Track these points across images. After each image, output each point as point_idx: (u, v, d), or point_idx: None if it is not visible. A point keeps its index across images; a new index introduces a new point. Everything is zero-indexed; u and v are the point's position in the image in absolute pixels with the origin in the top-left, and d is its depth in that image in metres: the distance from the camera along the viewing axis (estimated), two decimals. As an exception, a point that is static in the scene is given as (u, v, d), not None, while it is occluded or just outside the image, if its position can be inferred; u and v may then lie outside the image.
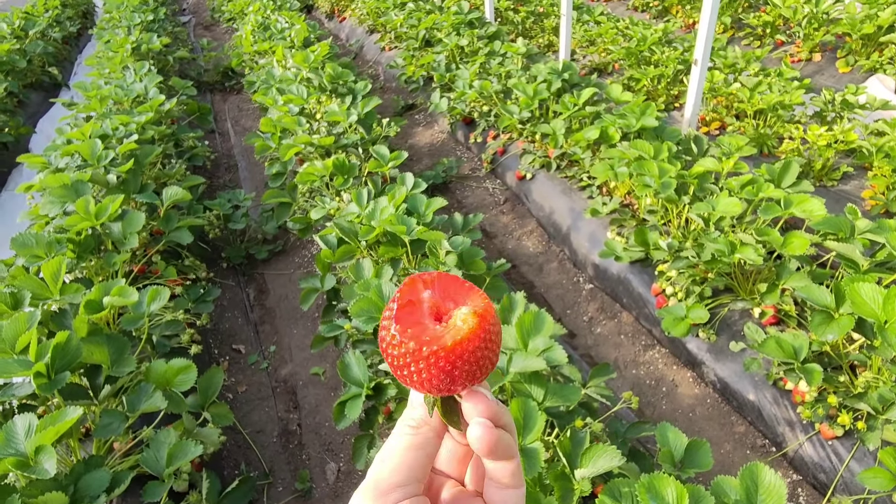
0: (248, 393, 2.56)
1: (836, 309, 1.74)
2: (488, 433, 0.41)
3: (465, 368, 0.40)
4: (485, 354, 0.41)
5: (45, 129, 5.28)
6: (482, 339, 0.40)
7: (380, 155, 2.86)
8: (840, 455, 1.85)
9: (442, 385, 0.41)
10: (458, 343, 0.40)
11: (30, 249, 2.15)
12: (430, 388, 0.41)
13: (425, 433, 0.44)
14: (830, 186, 3.09)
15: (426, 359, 0.40)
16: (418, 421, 0.44)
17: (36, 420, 1.41)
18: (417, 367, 0.40)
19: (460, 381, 0.41)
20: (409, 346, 0.40)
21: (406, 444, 0.44)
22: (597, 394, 1.69)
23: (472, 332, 0.40)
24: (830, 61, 4.40)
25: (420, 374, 0.40)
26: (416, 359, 0.40)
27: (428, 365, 0.40)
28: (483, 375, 0.42)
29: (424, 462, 0.43)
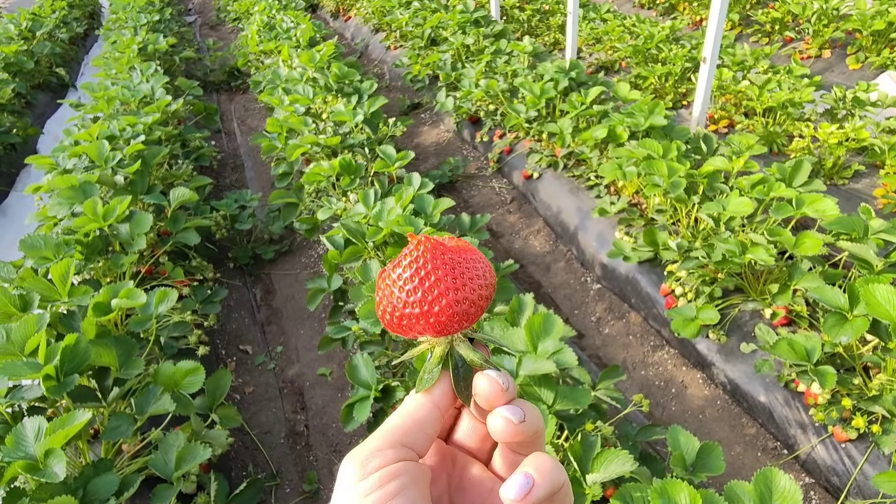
0: (256, 394, 2.56)
1: (849, 310, 1.71)
2: (511, 427, 0.40)
3: (405, 298, 0.39)
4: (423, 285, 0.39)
5: (52, 130, 5.30)
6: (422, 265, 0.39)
7: (386, 155, 2.85)
8: (854, 458, 1.83)
9: (420, 319, 0.39)
10: (395, 265, 0.40)
11: (38, 251, 2.15)
12: (390, 321, 0.40)
13: (419, 399, 0.43)
14: (842, 185, 3.05)
15: (380, 289, 0.40)
16: (418, 392, 0.44)
17: (45, 423, 1.41)
18: (379, 300, 0.40)
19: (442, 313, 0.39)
20: (379, 284, 0.41)
21: (399, 410, 0.43)
22: (607, 396, 1.67)
23: (406, 256, 0.40)
24: (840, 58, 4.35)
25: (379, 306, 0.40)
26: (377, 293, 0.40)
27: (381, 297, 0.40)
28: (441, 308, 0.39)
29: (414, 430, 0.42)
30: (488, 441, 0.46)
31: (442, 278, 0.39)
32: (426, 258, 0.39)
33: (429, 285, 0.39)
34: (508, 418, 0.40)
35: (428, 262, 0.39)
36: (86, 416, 1.39)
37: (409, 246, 0.41)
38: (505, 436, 0.40)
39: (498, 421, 0.40)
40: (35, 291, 1.88)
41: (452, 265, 0.40)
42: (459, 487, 0.45)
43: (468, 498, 0.45)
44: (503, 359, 1.55)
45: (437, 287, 0.39)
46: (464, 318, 0.40)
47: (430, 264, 0.39)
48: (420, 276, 0.39)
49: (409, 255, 0.40)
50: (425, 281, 0.39)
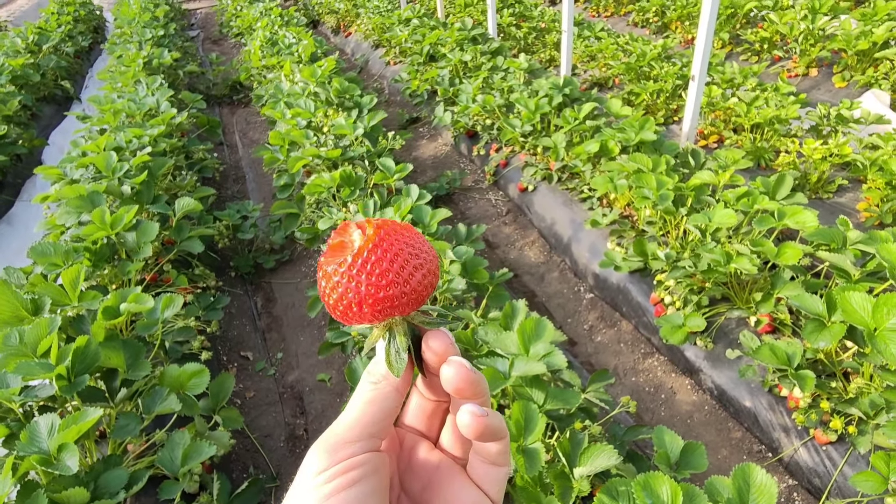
0: (256, 398, 2.62)
1: (828, 317, 1.80)
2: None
3: (371, 282, 0.39)
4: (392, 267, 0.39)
5: (57, 142, 5.39)
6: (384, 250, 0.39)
7: (386, 167, 2.95)
8: (834, 460, 1.90)
9: (353, 305, 0.39)
10: (356, 254, 0.39)
11: (48, 258, 2.22)
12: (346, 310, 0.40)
13: (383, 388, 0.43)
14: (826, 199, 3.15)
15: (332, 275, 0.39)
16: (377, 375, 0.43)
17: (58, 420, 1.47)
18: (330, 287, 0.40)
19: (371, 299, 0.39)
20: (325, 271, 0.40)
21: (363, 398, 0.43)
22: (596, 398, 1.74)
23: (369, 240, 0.39)
24: (827, 76, 4.49)
25: (331, 295, 0.40)
26: (329, 280, 0.40)
27: (336, 284, 0.39)
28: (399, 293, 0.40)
29: (381, 418, 0.43)
30: (436, 419, 0.47)
31: (385, 272, 0.39)
32: (369, 249, 0.39)
33: (374, 279, 0.39)
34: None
35: (371, 254, 0.39)
36: (97, 413, 1.46)
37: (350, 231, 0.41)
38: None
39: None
40: (46, 296, 1.95)
41: (394, 256, 0.40)
42: (408, 468, 0.47)
43: (417, 478, 0.46)
44: (496, 361, 1.62)
45: (382, 279, 0.39)
46: (411, 306, 0.41)
47: (373, 255, 0.39)
48: (366, 270, 0.39)
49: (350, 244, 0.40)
50: (371, 275, 0.39)
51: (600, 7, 7.22)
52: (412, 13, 6.11)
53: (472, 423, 0.41)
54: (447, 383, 0.41)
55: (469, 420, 0.41)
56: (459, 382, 0.41)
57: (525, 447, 1.41)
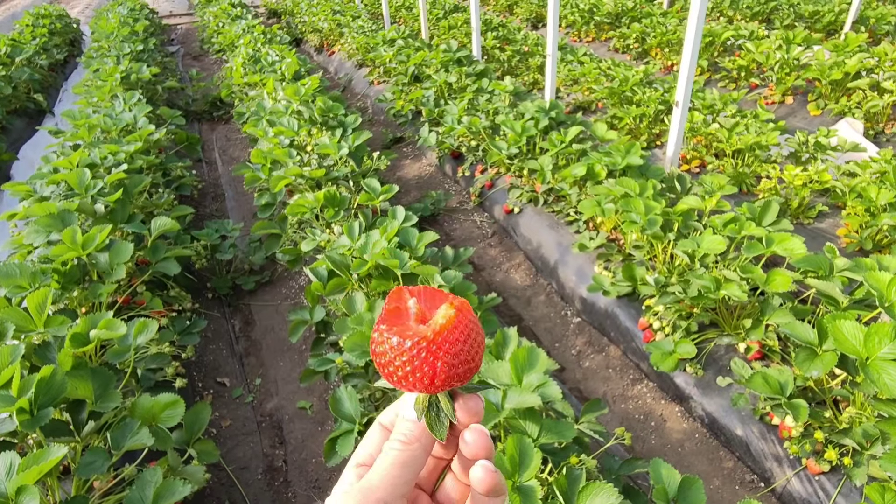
0: (233, 428, 2.51)
1: (819, 345, 1.78)
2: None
3: (447, 360, 0.42)
4: (465, 347, 0.42)
5: (27, 156, 5.22)
6: (461, 331, 0.42)
7: (371, 188, 2.89)
8: (827, 490, 1.87)
9: (426, 378, 0.42)
10: (438, 332, 0.42)
11: (13, 280, 2.10)
12: (415, 381, 0.42)
13: (415, 450, 0.45)
14: (807, 224, 3.20)
15: (409, 350, 0.41)
16: (409, 436, 0.45)
17: (18, 459, 1.36)
18: (402, 360, 0.42)
19: (444, 373, 0.42)
20: (392, 341, 0.42)
21: (395, 459, 0.44)
22: (589, 430, 1.69)
23: (450, 322, 0.42)
24: (802, 104, 4.61)
25: (404, 367, 0.42)
26: (400, 352, 0.42)
27: (411, 357, 0.41)
28: (466, 370, 0.43)
29: (410, 479, 0.44)
30: (436, 474, 0.50)
31: (460, 352, 0.42)
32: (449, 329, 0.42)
33: (450, 358, 0.42)
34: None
35: (450, 334, 0.42)
36: (61, 452, 1.35)
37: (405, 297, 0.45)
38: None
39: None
40: (9, 321, 1.83)
41: (467, 336, 0.43)
42: None
43: None
44: (488, 392, 1.56)
45: (456, 358, 0.42)
46: (468, 379, 0.44)
47: (452, 335, 0.42)
48: (444, 349, 0.42)
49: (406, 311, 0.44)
50: (448, 354, 0.42)
51: (582, 33, 7.36)
52: (397, 34, 6.14)
53: (487, 479, 0.44)
54: (470, 447, 0.45)
55: (484, 475, 0.44)
56: (481, 450, 0.45)
57: (520, 485, 1.35)
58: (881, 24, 5.77)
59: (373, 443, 0.48)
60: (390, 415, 0.49)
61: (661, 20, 6.35)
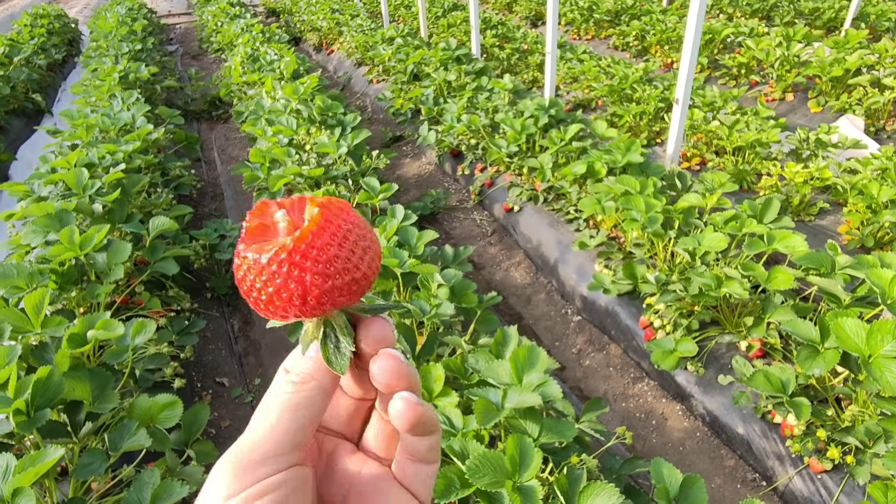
0: (232, 428, 2.49)
1: (821, 343, 1.77)
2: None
3: (319, 270, 0.33)
4: (341, 252, 0.34)
5: (25, 156, 5.21)
6: (333, 233, 0.34)
7: (370, 187, 2.88)
8: (829, 489, 1.86)
9: (295, 297, 0.33)
10: (299, 238, 0.33)
11: (10, 280, 2.09)
12: (284, 305, 0.34)
13: (309, 389, 0.36)
14: (808, 221, 3.18)
15: (267, 266, 0.33)
16: (302, 374, 0.36)
17: (14, 461, 1.35)
18: (262, 280, 0.33)
19: (317, 287, 0.33)
20: (249, 259, 0.34)
21: (283, 403, 0.36)
22: (590, 429, 1.68)
23: (314, 223, 0.33)
24: (802, 101, 4.59)
25: (266, 288, 0.33)
26: (259, 271, 0.33)
27: (271, 275, 0.33)
28: (348, 281, 0.34)
29: (304, 425, 0.36)
30: (357, 419, 0.42)
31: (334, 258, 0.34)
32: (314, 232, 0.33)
33: (321, 267, 0.34)
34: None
35: (317, 237, 0.34)
36: (58, 453, 1.34)
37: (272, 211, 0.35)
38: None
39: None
40: (6, 322, 1.82)
41: (342, 239, 0.34)
42: (327, 476, 0.41)
43: (337, 486, 0.40)
44: (489, 391, 1.55)
45: (330, 266, 0.34)
46: (359, 293, 0.36)
47: (319, 239, 0.34)
48: (311, 256, 0.33)
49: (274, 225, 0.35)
50: (317, 262, 0.33)
51: (581, 30, 7.34)
52: (395, 32, 6.12)
53: (407, 412, 0.36)
54: (378, 377, 0.36)
55: (403, 408, 0.36)
56: (391, 377, 0.36)
57: (521, 485, 1.34)
58: (881, 21, 5.75)
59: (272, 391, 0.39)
60: (293, 357, 0.40)
61: (660, 17, 6.33)
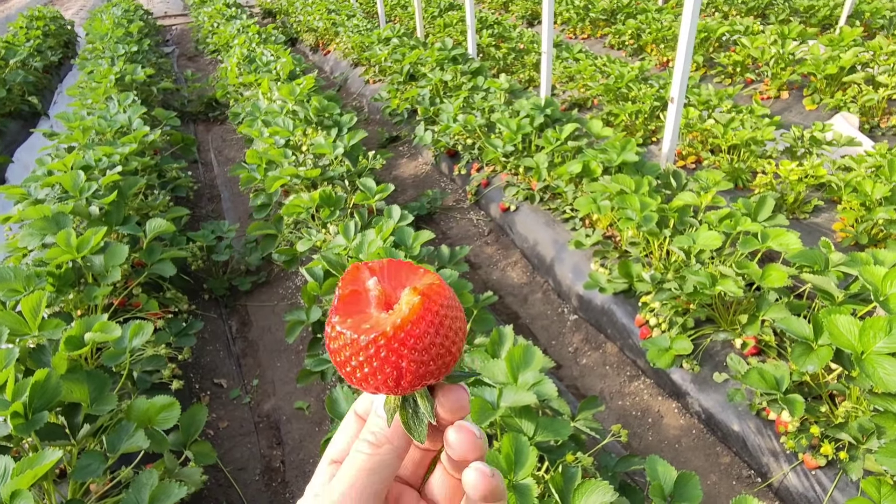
0: (230, 429, 2.50)
1: (814, 340, 1.79)
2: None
3: (414, 357, 0.35)
4: (436, 340, 0.35)
5: (22, 159, 5.20)
6: (430, 322, 0.35)
7: (366, 187, 2.89)
8: (824, 485, 1.87)
9: (390, 380, 0.35)
10: (399, 327, 0.34)
11: (7, 283, 2.09)
12: (378, 384, 0.36)
13: (384, 453, 0.39)
14: (803, 219, 3.20)
15: (365, 349, 0.35)
16: (378, 437, 0.40)
17: (12, 463, 1.36)
18: (358, 360, 0.35)
19: (410, 374, 0.35)
20: (346, 336, 0.35)
21: (362, 464, 0.39)
22: (586, 427, 1.69)
23: (414, 312, 0.35)
24: (797, 99, 4.61)
25: (362, 367, 0.35)
26: (356, 350, 0.35)
27: (369, 357, 0.35)
28: (440, 365, 0.36)
29: (380, 488, 0.39)
30: (422, 467, 0.45)
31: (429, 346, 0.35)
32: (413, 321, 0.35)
33: (417, 355, 0.35)
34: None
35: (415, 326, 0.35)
36: (56, 455, 1.35)
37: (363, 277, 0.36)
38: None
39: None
40: (4, 325, 1.82)
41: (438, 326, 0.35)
42: None
43: None
44: (484, 390, 1.56)
45: (425, 354, 0.35)
46: (446, 372, 0.38)
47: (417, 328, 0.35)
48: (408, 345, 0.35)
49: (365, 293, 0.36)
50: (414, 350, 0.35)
51: (577, 29, 7.35)
52: (392, 32, 6.12)
53: (481, 483, 0.38)
54: (455, 448, 0.39)
55: (478, 480, 0.38)
56: (467, 450, 0.39)
57: (516, 483, 1.35)
58: (876, 18, 5.77)
59: (346, 437, 0.43)
60: (366, 401, 0.43)
61: (656, 16, 6.34)
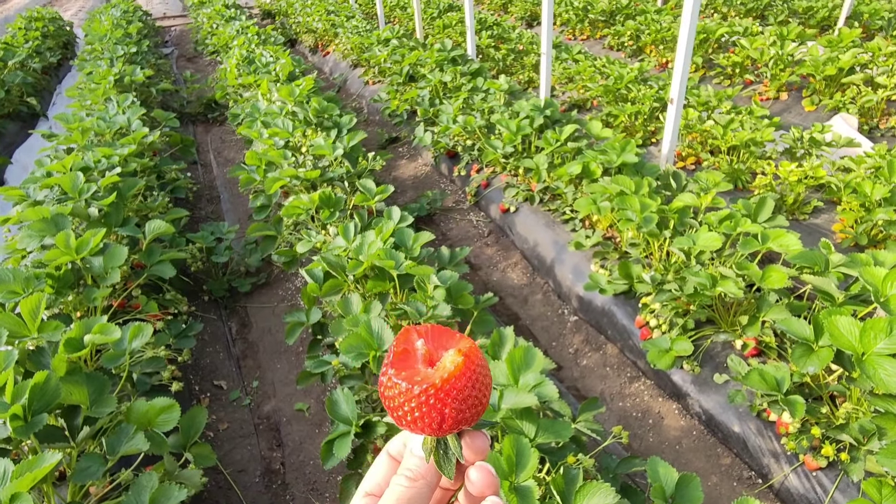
0: (230, 430, 2.50)
1: (815, 341, 1.78)
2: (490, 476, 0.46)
3: (455, 406, 0.43)
4: (472, 393, 0.44)
5: (21, 160, 5.19)
6: (469, 378, 0.44)
7: (366, 189, 2.89)
8: (825, 486, 1.87)
9: (434, 423, 0.43)
10: (445, 380, 0.43)
11: (7, 285, 2.09)
12: (423, 426, 0.44)
13: (420, 486, 0.45)
14: (802, 220, 3.20)
15: (417, 397, 0.43)
16: (415, 472, 0.46)
17: (11, 466, 1.35)
18: (410, 406, 0.43)
19: (451, 419, 0.43)
20: (401, 386, 0.43)
21: (401, 495, 0.45)
22: (587, 429, 1.69)
23: (458, 369, 0.43)
24: (797, 100, 4.61)
25: (413, 412, 0.43)
26: (409, 398, 0.43)
27: (419, 403, 0.43)
28: (473, 413, 0.44)
29: None
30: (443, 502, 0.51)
31: (468, 398, 0.44)
32: (457, 377, 0.43)
33: (458, 404, 0.44)
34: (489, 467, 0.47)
35: (458, 381, 0.43)
36: (55, 458, 1.34)
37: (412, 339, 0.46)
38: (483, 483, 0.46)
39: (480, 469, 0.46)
40: (3, 327, 1.82)
41: (475, 382, 0.44)
42: None
43: None
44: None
45: (464, 405, 0.44)
46: (476, 420, 0.46)
47: (459, 382, 0.43)
48: (452, 395, 0.43)
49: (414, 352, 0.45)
50: (456, 400, 0.43)
51: (576, 30, 7.36)
52: (391, 34, 6.12)
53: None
54: (476, 483, 0.46)
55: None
56: (485, 487, 0.46)
57: (517, 485, 1.35)
58: (875, 20, 5.78)
59: (380, 472, 0.50)
60: (398, 444, 0.50)
61: (655, 17, 6.35)
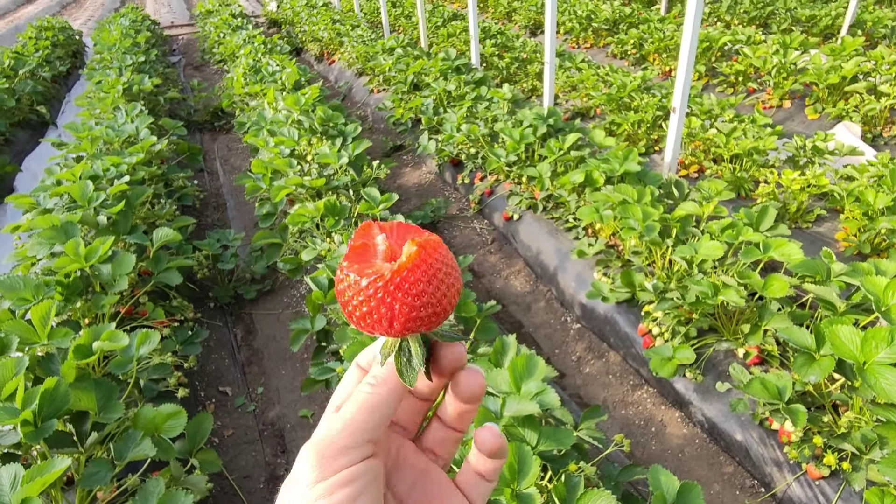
0: (235, 436, 2.52)
1: (817, 350, 1.79)
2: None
3: (407, 302, 0.38)
4: (427, 289, 0.39)
5: (30, 168, 5.26)
6: (424, 271, 0.39)
7: (371, 197, 2.92)
8: (827, 495, 1.87)
9: (384, 321, 0.39)
10: (395, 272, 0.38)
11: (17, 292, 2.12)
12: (373, 323, 0.40)
13: (382, 393, 0.42)
14: (805, 228, 3.21)
15: (365, 290, 0.39)
16: (378, 378, 0.42)
17: (22, 471, 1.38)
18: (358, 300, 0.39)
19: (403, 316, 0.39)
20: (350, 279, 0.40)
21: (361, 402, 0.41)
22: (589, 436, 1.70)
23: (410, 261, 0.39)
24: (800, 108, 4.62)
25: (361, 307, 0.39)
26: (357, 291, 0.39)
27: (367, 297, 0.39)
28: (430, 313, 0.40)
29: (380, 423, 0.41)
30: (419, 417, 0.49)
31: (422, 293, 0.39)
32: (409, 269, 0.38)
33: (410, 299, 0.39)
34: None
35: (411, 274, 0.38)
36: (65, 463, 1.37)
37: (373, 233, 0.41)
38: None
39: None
40: (14, 334, 1.85)
41: (431, 277, 0.39)
42: (396, 468, 0.47)
43: (403, 478, 0.47)
44: (487, 400, 1.57)
45: (417, 300, 0.39)
46: (437, 323, 0.41)
47: (412, 276, 0.38)
48: (403, 289, 0.39)
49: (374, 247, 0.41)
50: (407, 295, 0.39)
51: (580, 39, 7.40)
52: (396, 42, 6.18)
53: (493, 441, 0.46)
54: (465, 389, 0.45)
55: (490, 437, 0.46)
56: (478, 390, 0.45)
57: (519, 492, 1.36)
58: (878, 28, 5.79)
59: (349, 384, 0.46)
60: (368, 355, 0.46)
61: (658, 26, 6.38)
